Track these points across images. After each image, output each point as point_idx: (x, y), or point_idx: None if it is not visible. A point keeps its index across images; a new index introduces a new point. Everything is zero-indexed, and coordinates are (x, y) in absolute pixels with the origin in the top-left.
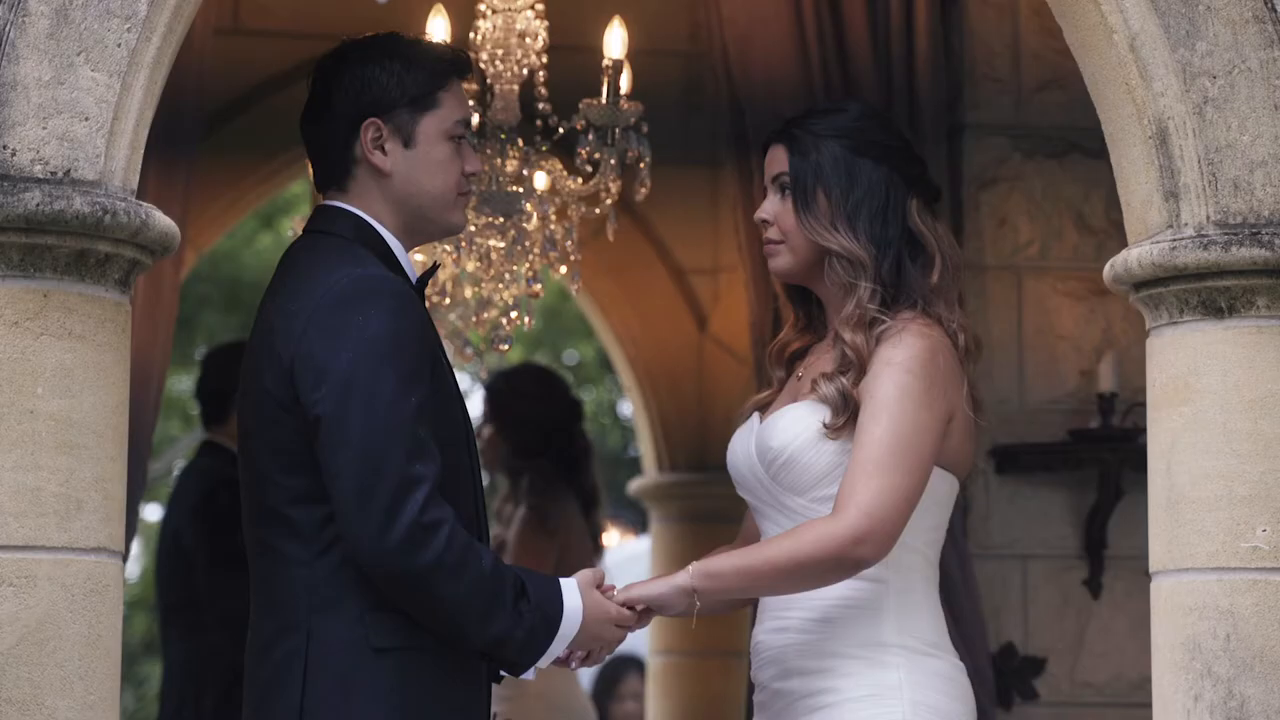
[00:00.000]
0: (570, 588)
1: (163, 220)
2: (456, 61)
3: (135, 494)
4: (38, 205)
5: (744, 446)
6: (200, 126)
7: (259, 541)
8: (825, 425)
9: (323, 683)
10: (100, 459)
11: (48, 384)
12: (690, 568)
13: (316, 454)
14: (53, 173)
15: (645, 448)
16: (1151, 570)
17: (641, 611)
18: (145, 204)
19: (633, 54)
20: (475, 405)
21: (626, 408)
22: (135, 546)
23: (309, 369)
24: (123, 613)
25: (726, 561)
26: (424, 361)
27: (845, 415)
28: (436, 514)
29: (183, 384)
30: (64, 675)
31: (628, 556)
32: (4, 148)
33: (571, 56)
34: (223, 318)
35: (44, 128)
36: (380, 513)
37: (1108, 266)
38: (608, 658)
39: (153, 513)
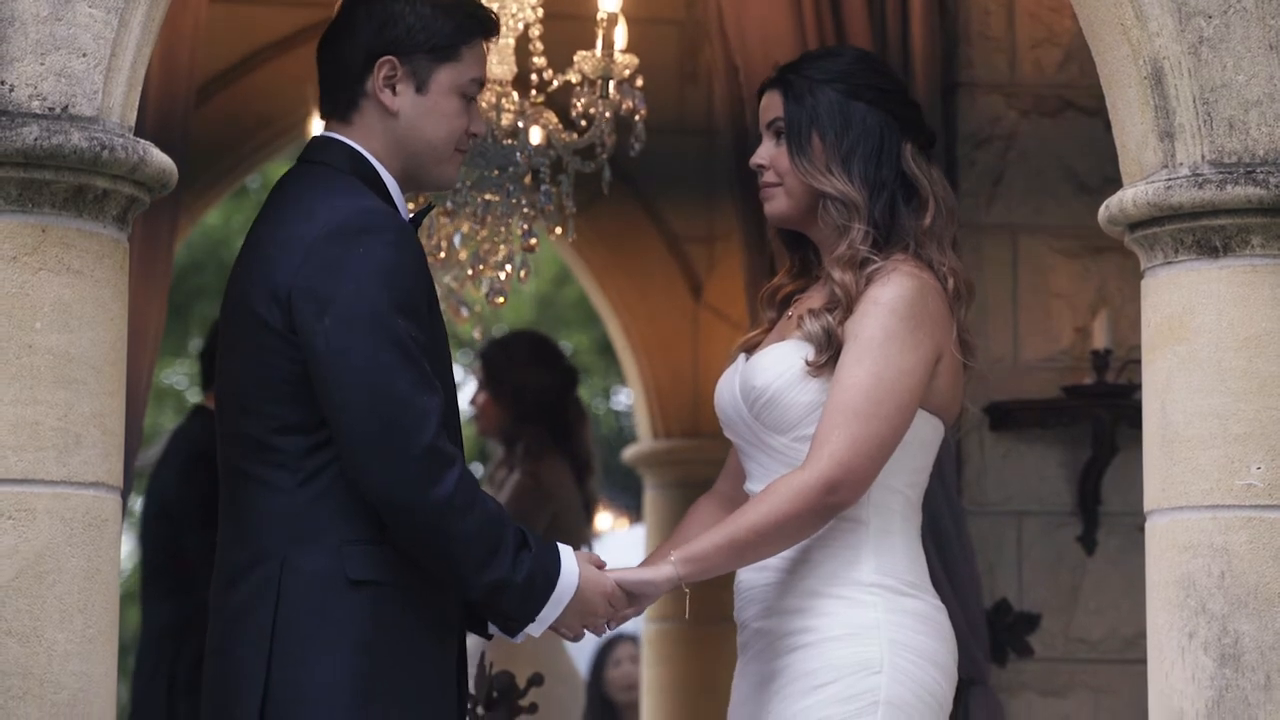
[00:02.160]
0: (567, 552)
1: (160, 157)
2: (485, 21)
3: (130, 452)
4: (35, 140)
5: (729, 386)
6: (194, 93)
7: (235, 471)
8: (808, 363)
9: (295, 612)
10: (99, 394)
11: (46, 319)
12: (673, 556)
13: (315, 386)
14: (50, 108)
15: (640, 415)
16: (1146, 509)
17: (630, 596)
18: (143, 141)
19: (629, 22)
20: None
21: (622, 397)
22: (127, 544)
23: (309, 300)
24: (120, 550)
25: (708, 542)
26: (421, 298)
27: (828, 353)
28: (449, 448)
29: (175, 375)
30: (63, 608)
31: (622, 545)
32: (2, 83)
33: (568, 26)
34: (217, 307)
35: (42, 64)
36: (393, 443)
37: (1103, 208)
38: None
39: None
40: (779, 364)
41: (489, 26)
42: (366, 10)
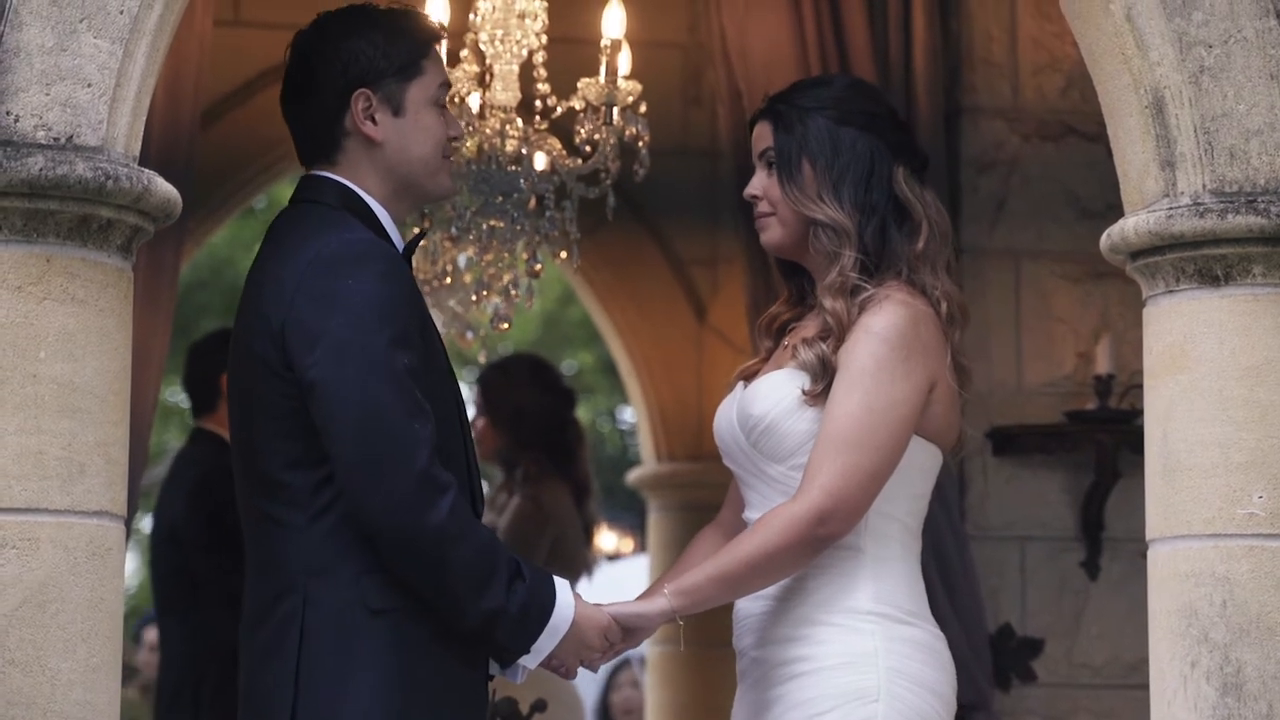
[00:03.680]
0: (563, 585)
1: (164, 187)
2: (433, 29)
3: (136, 473)
4: (40, 170)
5: (727, 414)
6: (200, 117)
7: (254, 510)
8: (804, 392)
9: (319, 645)
10: (102, 423)
11: (50, 348)
12: (666, 589)
13: (312, 418)
14: (55, 139)
15: (644, 438)
16: (1148, 537)
17: (626, 630)
18: (147, 171)
19: (632, 46)
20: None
21: (627, 416)
22: (132, 561)
23: (300, 334)
24: (124, 579)
25: (700, 574)
26: (413, 326)
27: (824, 382)
28: (442, 475)
29: (180, 394)
30: (66, 637)
31: (625, 574)
32: (7, 114)
33: (572, 49)
34: (222, 325)
35: (47, 94)
36: (386, 472)
37: (1104, 236)
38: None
39: (149, 523)
40: (775, 392)
41: (438, 33)
42: (323, 56)
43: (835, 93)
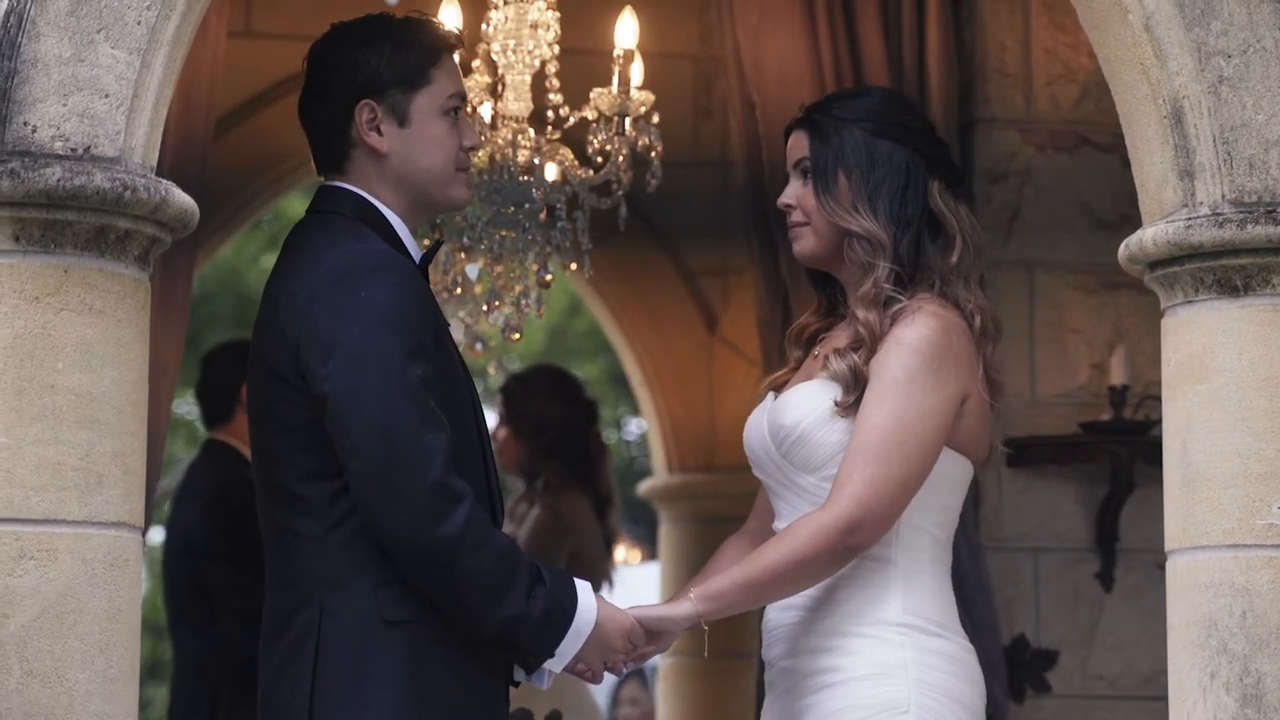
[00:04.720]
0: (584, 587)
1: (182, 197)
2: (446, 38)
3: (150, 484)
4: (58, 181)
5: (758, 425)
6: (212, 127)
7: (273, 522)
8: (837, 403)
9: (335, 657)
10: (120, 434)
11: (68, 359)
12: (691, 593)
13: (326, 430)
14: (73, 149)
15: (655, 449)
16: (1167, 548)
17: (650, 634)
18: (165, 181)
19: (642, 57)
20: (489, 409)
21: (632, 427)
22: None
23: (315, 344)
24: (141, 590)
25: (726, 580)
26: (428, 336)
27: (855, 393)
28: (457, 485)
29: (187, 405)
30: (84, 648)
31: (637, 581)
32: (25, 124)
33: (584, 60)
34: (233, 336)
35: (64, 105)
36: (400, 483)
37: (1122, 246)
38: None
39: (158, 534)
40: (806, 403)
41: (451, 42)
42: (331, 65)
43: (872, 105)
